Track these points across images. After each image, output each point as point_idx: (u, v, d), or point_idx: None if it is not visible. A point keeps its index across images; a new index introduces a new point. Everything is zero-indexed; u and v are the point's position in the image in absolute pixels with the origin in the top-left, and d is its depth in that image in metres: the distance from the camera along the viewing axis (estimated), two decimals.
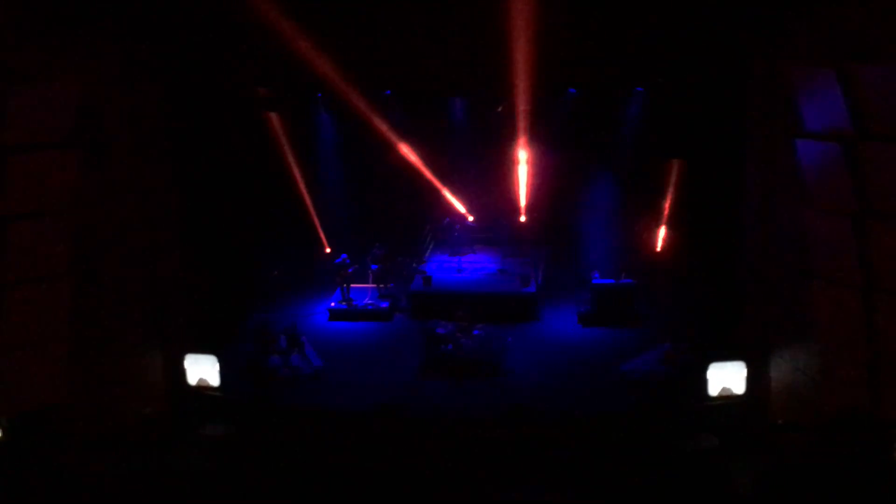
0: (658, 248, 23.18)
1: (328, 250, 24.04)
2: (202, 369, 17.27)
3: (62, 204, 14.74)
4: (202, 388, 17.35)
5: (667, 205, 22.39)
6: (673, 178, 21.77)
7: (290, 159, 22.82)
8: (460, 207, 25.52)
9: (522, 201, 25.01)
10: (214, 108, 18.97)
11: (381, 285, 22.72)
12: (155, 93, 17.06)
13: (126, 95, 16.34)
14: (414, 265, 23.85)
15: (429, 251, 25.40)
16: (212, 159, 19.15)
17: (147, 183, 17.04)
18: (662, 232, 23.00)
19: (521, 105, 22.30)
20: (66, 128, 14.72)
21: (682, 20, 17.40)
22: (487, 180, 25.15)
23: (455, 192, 25.46)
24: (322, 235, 24.26)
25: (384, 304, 22.25)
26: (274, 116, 21.96)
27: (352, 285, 22.39)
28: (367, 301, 22.38)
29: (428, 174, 24.78)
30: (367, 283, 22.62)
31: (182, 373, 17.33)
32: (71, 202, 14.94)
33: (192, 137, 18.30)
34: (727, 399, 16.50)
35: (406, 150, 24.36)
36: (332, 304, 22.33)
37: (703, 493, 14.76)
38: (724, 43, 17.04)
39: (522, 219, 25.28)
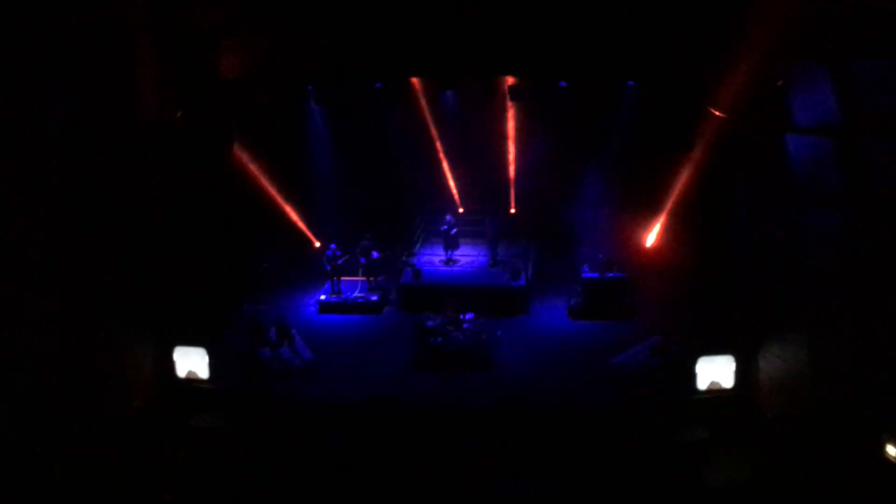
0: (648, 243, 23.20)
1: (317, 244, 24.00)
2: (192, 362, 17.26)
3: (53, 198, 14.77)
4: (192, 381, 17.33)
5: (657, 199, 22.39)
6: (663, 173, 21.77)
7: (281, 151, 22.71)
8: (451, 199, 25.51)
9: (512, 194, 25.08)
10: (204, 101, 18.86)
11: (371, 278, 22.69)
12: (145, 87, 17.00)
13: (117, 90, 16.28)
14: (404, 258, 23.81)
15: (419, 244, 25.36)
16: (202, 153, 19.04)
17: (137, 177, 16.99)
18: (653, 226, 23.01)
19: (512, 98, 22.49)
20: (55, 121, 14.73)
21: (672, 14, 17.44)
22: (477, 172, 25.14)
23: (446, 184, 25.44)
24: (309, 233, 24.20)
25: (374, 297, 22.23)
26: (264, 109, 21.85)
27: (342, 278, 22.37)
28: (357, 294, 22.36)
29: (418, 166, 24.79)
30: (357, 275, 22.59)
31: (171, 365, 17.29)
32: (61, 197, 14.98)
33: (182, 132, 18.21)
34: (716, 393, 16.57)
35: (395, 143, 24.36)
36: (322, 296, 22.30)
37: (692, 486, 14.83)
38: (714, 37, 17.06)
39: (512, 211, 25.33)
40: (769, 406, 16.58)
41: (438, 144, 24.93)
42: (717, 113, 17.76)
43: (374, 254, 22.40)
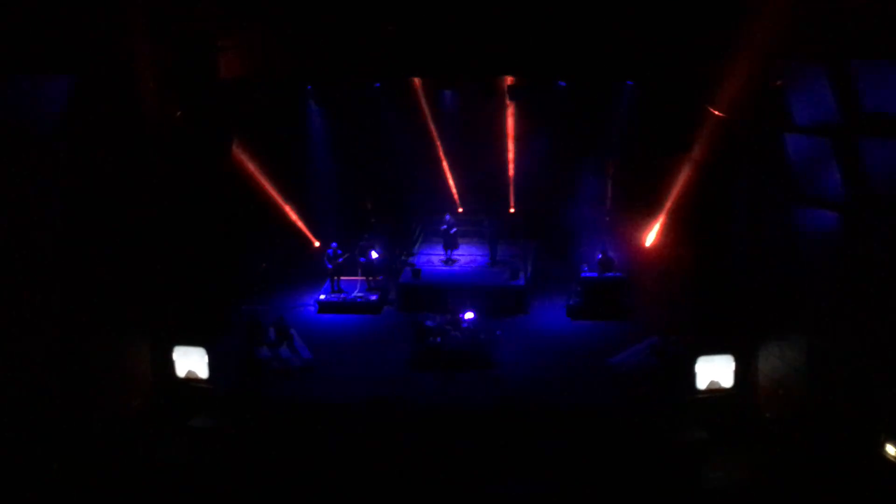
0: (647, 243, 23.20)
1: (317, 244, 24.01)
2: (191, 362, 17.27)
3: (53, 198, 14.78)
4: (191, 381, 17.33)
5: (657, 199, 22.41)
6: (662, 173, 21.79)
7: (281, 151, 22.71)
8: (451, 199, 25.53)
9: (512, 193, 25.09)
10: (203, 101, 18.88)
11: (371, 278, 22.70)
12: (145, 87, 17.01)
13: (117, 90, 16.28)
14: (403, 257, 23.82)
15: (418, 243, 25.38)
16: (201, 153, 19.05)
17: (135, 176, 16.99)
18: (652, 226, 23.01)
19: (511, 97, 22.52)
20: (54, 121, 14.73)
21: (672, 14, 17.45)
22: (477, 172, 25.16)
23: (445, 184, 25.45)
24: (308, 232, 24.20)
25: (373, 297, 22.24)
26: (263, 108, 21.86)
27: (341, 278, 22.37)
28: (357, 293, 22.37)
29: (418, 166, 24.81)
30: (357, 275, 22.60)
31: (171, 365, 17.30)
32: (59, 194, 14.97)
33: (179, 131, 18.22)
34: (715, 392, 16.58)
35: (394, 142, 24.38)
36: (322, 296, 22.30)
37: (691, 486, 14.84)
38: (713, 37, 17.07)
39: (512, 210, 25.33)
40: (768, 406, 16.60)
41: (438, 144, 24.95)
42: (716, 112, 17.77)
43: (373, 253, 22.41)
